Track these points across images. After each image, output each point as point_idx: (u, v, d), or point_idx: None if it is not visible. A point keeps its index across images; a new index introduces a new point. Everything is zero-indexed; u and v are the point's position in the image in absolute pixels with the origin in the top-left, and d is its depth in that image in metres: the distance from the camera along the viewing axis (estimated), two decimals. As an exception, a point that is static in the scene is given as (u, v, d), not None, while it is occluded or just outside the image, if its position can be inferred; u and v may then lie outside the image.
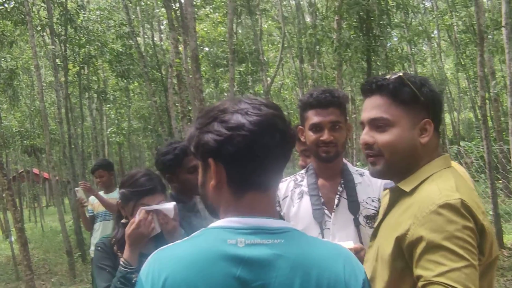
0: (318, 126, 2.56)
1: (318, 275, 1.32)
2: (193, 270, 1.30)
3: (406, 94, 1.74)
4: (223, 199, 1.41)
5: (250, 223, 1.35)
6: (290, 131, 1.43)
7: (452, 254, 1.50)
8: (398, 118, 1.76)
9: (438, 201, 1.58)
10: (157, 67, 17.97)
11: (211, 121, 1.39)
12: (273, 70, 21.52)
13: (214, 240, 1.34)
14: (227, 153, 1.35)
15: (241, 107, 1.39)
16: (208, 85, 19.97)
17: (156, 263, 1.35)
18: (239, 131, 1.34)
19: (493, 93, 15.81)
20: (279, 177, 1.47)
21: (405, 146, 1.76)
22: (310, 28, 16.58)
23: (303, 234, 1.44)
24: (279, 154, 1.40)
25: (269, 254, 1.31)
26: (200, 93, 9.40)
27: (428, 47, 32.25)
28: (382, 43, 12.32)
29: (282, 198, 2.74)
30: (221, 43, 19.86)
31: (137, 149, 33.18)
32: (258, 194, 1.40)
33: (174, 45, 12.07)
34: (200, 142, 1.40)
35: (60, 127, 14.64)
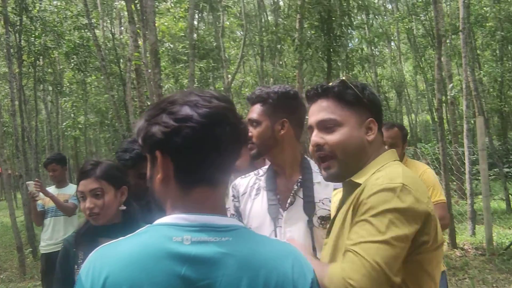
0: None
1: (266, 275, 1.29)
2: (136, 268, 1.24)
3: (350, 96, 1.85)
4: (170, 194, 1.37)
5: (197, 220, 1.31)
6: (241, 126, 1.40)
7: (373, 229, 1.57)
8: (345, 118, 1.85)
9: (380, 185, 1.64)
10: (116, 61, 17.65)
11: (160, 113, 1.34)
12: (234, 68, 21.44)
13: (159, 237, 1.28)
14: (174, 145, 1.31)
15: (191, 99, 1.35)
16: (168, 81, 19.74)
17: (97, 261, 1.29)
18: (187, 123, 1.30)
19: (450, 96, 16.11)
20: (229, 173, 1.44)
21: (355, 144, 1.83)
22: (272, 26, 16.58)
23: (252, 232, 1.41)
24: (229, 148, 1.36)
25: (216, 252, 1.27)
26: (159, 88, 9.28)
27: (388, 50, 32.79)
28: (342, 43, 12.41)
29: (241, 193, 2.69)
30: (182, 39, 19.67)
31: (93, 144, 32.60)
32: (207, 189, 1.35)
33: (133, 38, 11.82)
34: (148, 134, 1.35)
35: (13, 119, 14.19)
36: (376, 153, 1.88)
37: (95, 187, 2.61)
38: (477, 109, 15.79)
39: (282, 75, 15.62)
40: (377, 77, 26.66)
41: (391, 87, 31.71)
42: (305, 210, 2.50)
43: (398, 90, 31.02)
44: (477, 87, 17.64)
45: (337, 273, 1.57)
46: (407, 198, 1.60)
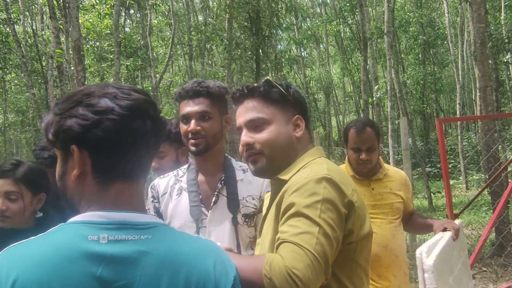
0: (186, 117, 2.47)
1: (187, 273, 1.24)
2: (47, 269, 1.14)
3: (276, 94, 1.88)
4: (86, 191, 1.29)
5: (114, 218, 1.24)
6: (161, 119, 1.37)
7: (309, 220, 1.58)
8: (272, 116, 1.87)
9: (306, 178, 1.66)
10: (37, 58, 16.96)
11: (75, 106, 1.26)
12: (162, 67, 21.15)
13: (73, 236, 1.20)
14: (93, 138, 1.24)
15: (109, 91, 1.29)
16: (93, 79, 19.18)
17: (4, 262, 1.17)
18: (108, 115, 1.24)
19: (376, 98, 16.53)
20: (148, 168, 1.38)
21: (283, 141, 1.85)
22: (201, 25, 16.45)
23: (172, 230, 1.35)
24: (149, 142, 1.32)
25: (134, 251, 1.21)
26: (82, 86, 8.95)
27: (317, 52, 33.38)
28: (271, 44, 12.46)
29: (161, 194, 2.60)
30: (108, 36, 19.17)
31: (14, 144, 31.26)
32: (126, 185, 1.30)
33: (55, 34, 11.39)
34: (62, 128, 1.26)
35: None
36: (304, 150, 1.90)
37: (11, 190, 2.44)
38: (401, 110, 16.30)
39: (211, 75, 15.51)
40: (305, 79, 27.07)
41: (320, 89, 32.33)
42: (229, 208, 2.48)
43: (326, 92, 31.66)
44: (401, 89, 18.21)
45: (278, 262, 1.52)
46: (332, 189, 1.64)
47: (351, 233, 1.66)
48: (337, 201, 1.63)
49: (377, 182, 3.40)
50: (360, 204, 1.74)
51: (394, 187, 3.42)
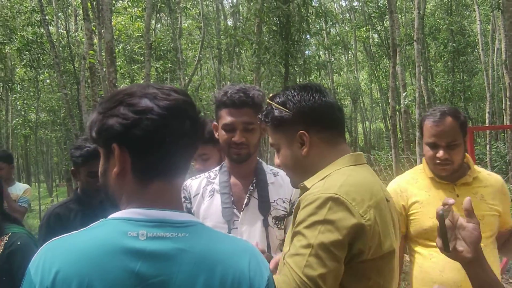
0: (230, 127, 2.50)
1: (223, 272, 1.28)
2: (88, 263, 1.19)
3: (275, 117, 1.86)
4: (126, 189, 1.34)
5: (153, 215, 1.28)
6: (200, 120, 1.39)
7: (305, 241, 1.60)
8: (277, 141, 1.91)
9: (315, 195, 1.66)
10: (70, 59, 17.26)
11: (117, 105, 1.31)
12: (191, 70, 21.32)
13: (113, 231, 1.25)
14: (133, 137, 1.28)
15: (150, 91, 1.33)
16: (124, 81, 19.44)
17: (47, 255, 1.23)
18: (148, 115, 1.28)
19: (404, 105, 16.42)
20: (186, 168, 1.42)
21: (291, 162, 1.89)
22: (231, 29, 16.56)
23: (209, 229, 1.39)
24: (187, 142, 1.36)
25: (172, 248, 1.25)
26: (114, 87, 9.11)
27: (345, 57, 33.28)
28: (300, 49, 12.50)
29: (193, 195, 2.66)
30: (139, 39, 19.43)
31: (44, 143, 31.79)
32: (164, 184, 1.34)
33: (88, 36, 11.61)
34: (104, 126, 1.31)
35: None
36: (324, 160, 1.83)
37: None
38: (429, 118, 16.11)
39: (240, 78, 15.61)
40: (333, 84, 27.00)
41: (347, 95, 32.19)
42: (260, 210, 2.53)
43: (354, 98, 31.53)
44: (430, 96, 18.06)
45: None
46: (338, 210, 1.61)
47: (361, 253, 1.63)
48: (340, 221, 1.60)
49: (464, 188, 2.73)
50: (380, 220, 1.68)
51: (487, 195, 2.73)
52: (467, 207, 1.66)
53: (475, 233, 1.64)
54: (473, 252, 1.63)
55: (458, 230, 1.67)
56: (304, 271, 1.55)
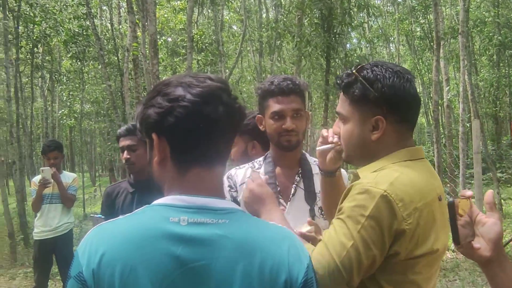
0: (279, 114, 2.50)
1: (262, 258, 1.30)
2: (131, 247, 1.26)
3: (356, 92, 1.75)
4: (167, 176, 1.39)
5: (194, 202, 1.32)
6: (236, 105, 1.40)
7: (347, 231, 1.59)
8: (350, 114, 1.80)
9: (365, 185, 1.62)
10: (114, 51, 17.60)
11: (155, 95, 1.36)
12: (232, 62, 21.42)
13: (156, 217, 1.30)
14: (168, 125, 1.32)
15: (185, 80, 1.37)
16: (166, 73, 19.70)
17: (94, 239, 1.30)
18: (180, 102, 1.32)
19: (446, 99, 16.16)
20: (226, 154, 1.44)
21: (355, 142, 1.81)
22: (272, 22, 16.58)
23: (248, 216, 1.42)
24: (223, 128, 1.37)
25: (212, 234, 1.29)
26: (157, 79, 9.27)
27: (387, 51, 32.87)
28: (342, 42, 12.43)
29: (239, 184, 2.68)
30: (181, 32, 19.64)
31: (88, 133, 32.51)
32: (203, 170, 1.37)
33: (132, 28, 11.81)
34: (144, 116, 1.38)
35: (8, 105, 14.14)
36: (387, 150, 1.78)
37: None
38: (473, 113, 15.86)
39: (280, 71, 15.61)
40: (374, 78, 26.64)
41: (388, 88, 31.71)
42: (307, 200, 2.54)
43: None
44: (474, 91, 17.69)
45: None
46: (384, 209, 1.58)
47: (397, 254, 1.62)
48: (384, 222, 1.58)
49: None
50: (424, 223, 1.63)
51: None
52: (489, 201, 1.53)
53: (495, 229, 1.48)
54: (492, 250, 1.47)
55: (477, 226, 1.52)
56: (342, 261, 1.56)
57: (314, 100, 21.25)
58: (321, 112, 19.02)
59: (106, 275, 1.24)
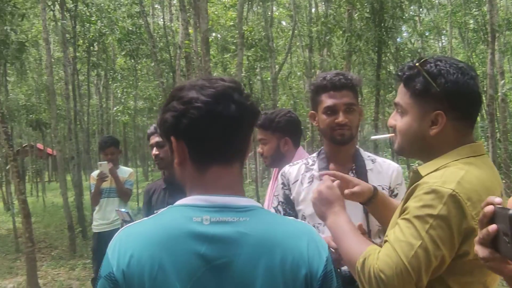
0: (332, 109, 2.53)
1: (282, 253, 1.37)
2: (158, 247, 1.33)
3: (418, 85, 1.74)
4: (188, 176, 1.47)
5: (215, 201, 1.39)
6: (247, 103, 1.46)
7: (415, 232, 1.56)
8: (409, 107, 1.79)
9: (433, 185, 1.60)
10: (166, 48, 17.92)
11: (171, 101, 1.44)
12: (281, 58, 21.43)
13: (180, 217, 1.38)
14: (184, 126, 1.40)
15: (198, 83, 1.44)
16: (216, 69, 19.91)
17: (122, 240, 1.39)
18: (193, 104, 1.39)
19: (502, 93, 15.71)
20: (243, 151, 1.50)
21: (412, 135, 1.79)
22: (322, 17, 16.51)
23: (268, 212, 1.50)
24: (237, 125, 1.43)
25: (234, 232, 1.35)
26: (209, 76, 9.40)
27: (439, 44, 32.13)
28: (393, 36, 12.27)
29: (292, 181, 2.72)
30: (231, 28, 19.79)
31: (141, 129, 33.17)
32: (222, 168, 1.44)
33: (184, 26, 12.01)
34: (162, 121, 1.46)
35: (66, 103, 14.65)
36: (448, 146, 1.76)
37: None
38: (530, 106, 15.36)
39: (331, 66, 15.54)
40: (427, 71, 26.08)
41: (441, 82, 30.97)
42: None
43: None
44: (531, 84, 17.12)
45: (371, 261, 1.61)
46: (453, 208, 1.56)
47: (466, 254, 1.60)
48: (453, 221, 1.56)
49: None
50: None
51: None
52: None
53: None
54: None
55: None
56: (410, 261, 1.54)
57: (364, 95, 21.04)
58: (371, 107, 18.83)
59: (136, 274, 1.32)
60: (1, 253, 12.13)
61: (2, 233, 15.32)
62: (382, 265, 1.57)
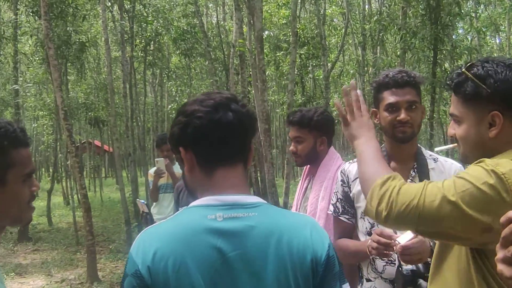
0: (394, 106, 2.52)
1: (289, 240, 1.54)
2: (180, 243, 1.49)
3: (468, 90, 1.72)
4: (198, 181, 1.63)
5: (226, 200, 1.56)
6: (244, 111, 1.62)
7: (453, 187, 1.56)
8: (463, 114, 1.78)
9: (486, 163, 1.60)
10: (220, 47, 18.15)
11: (178, 116, 1.63)
12: (334, 56, 21.32)
13: (196, 216, 1.54)
14: (188, 135, 1.57)
15: (199, 98, 1.63)
16: (269, 67, 20.01)
17: (145, 239, 1.53)
18: (195, 115, 1.56)
19: None
20: (245, 153, 1.66)
21: (473, 141, 1.78)
22: (376, 14, 16.34)
23: (274, 207, 1.65)
24: (236, 131, 1.59)
25: (244, 226, 1.52)
26: (263, 74, 9.50)
27: (496, 41, 31.20)
28: (449, 33, 12.01)
29: (352, 179, 2.72)
30: (283, 26, 19.84)
31: (194, 127, 33.59)
32: (226, 169, 1.60)
33: (238, 25, 12.15)
34: (170, 135, 1.65)
35: (124, 101, 15.06)
36: (507, 147, 1.72)
37: None
38: None
39: (385, 64, 15.34)
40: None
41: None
42: None
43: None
44: None
45: (395, 182, 1.67)
46: (495, 190, 1.52)
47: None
48: (490, 202, 1.52)
49: None
50: None
51: None
52: None
53: None
54: None
55: None
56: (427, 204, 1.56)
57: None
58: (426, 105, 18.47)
59: (160, 269, 1.46)
60: (62, 246, 12.58)
61: (63, 226, 15.88)
62: (403, 190, 1.62)
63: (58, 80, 8.96)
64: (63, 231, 14.92)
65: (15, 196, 1.57)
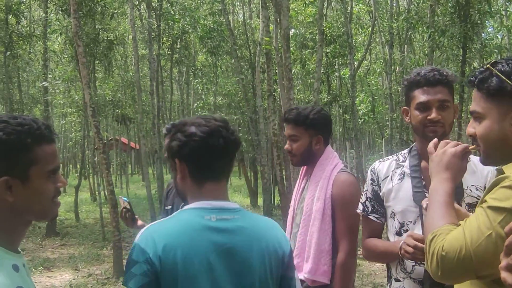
0: (425, 105, 2.48)
1: (267, 240, 1.99)
2: (185, 237, 1.83)
3: (493, 86, 1.71)
4: (189, 188, 1.97)
5: (216, 205, 1.93)
6: (232, 138, 1.96)
7: (487, 220, 1.54)
8: (487, 110, 1.75)
9: None
10: (247, 45, 18.17)
11: (176, 132, 1.94)
12: (360, 55, 21.16)
13: (195, 216, 1.89)
14: (185, 153, 1.91)
15: (197, 121, 1.94)
16: (295, 66, 19.95)
17: (153, 234, 1.83)
18: (192, 138, 1.89)
19: None
20: (228, 171, 2.03)
21: (495, 138, 1.75)
22: (403, 12, 16.17)
23: (249, 212, 2.07)
24: (224, 153, 1.95)
25: (233, 225, 1.92)
26: (289, 72, 9.47)
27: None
28: (478, 31, 11.85)
29: (382, 178, 2.69)
30: (309, 24, 19.76)
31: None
32: (214, 183, 1.96)
33: (265, 23, 12.13)
34: (169, 147, 1.96)
35: (151, 98, 15.19)
36: None
37: None
38: None
39: (413, 63, 15.17)
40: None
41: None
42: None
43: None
44: None
45: (438, 241, 1.64)
46: None
47: None
48: None
49: None
50: None
51: None
52: None
53: None
54: None
55: None
56: (476, 249, 1.53)
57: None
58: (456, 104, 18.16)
59: (170, 259, 1.78)
60: (89, 241, 12.77)
61: (90, 222, 16.09)
62: (447, 245, 1.59)
63: (86, 78, 9.09)
64: (90, 227, 15.12)
65: (38, 192, 1.59)
